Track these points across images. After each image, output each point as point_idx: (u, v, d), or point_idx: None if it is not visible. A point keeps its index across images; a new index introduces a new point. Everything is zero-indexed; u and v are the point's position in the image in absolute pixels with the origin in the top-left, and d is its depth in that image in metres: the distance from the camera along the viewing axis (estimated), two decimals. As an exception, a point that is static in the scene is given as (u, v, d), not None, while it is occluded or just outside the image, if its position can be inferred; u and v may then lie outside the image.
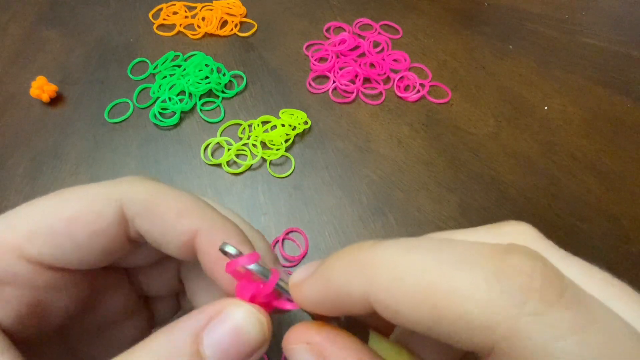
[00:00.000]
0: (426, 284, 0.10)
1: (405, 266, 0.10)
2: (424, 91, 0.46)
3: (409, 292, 0.10)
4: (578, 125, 0.44)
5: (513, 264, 0.09)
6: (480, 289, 0.09)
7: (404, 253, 0.11)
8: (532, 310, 0.09)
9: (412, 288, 0.10)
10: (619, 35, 0.53)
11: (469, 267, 0.10)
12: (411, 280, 0.10)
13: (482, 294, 0.09)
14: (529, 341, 0.09)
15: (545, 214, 0.38)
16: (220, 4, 0.53)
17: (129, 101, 0.45)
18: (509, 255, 0.10)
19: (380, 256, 0.11)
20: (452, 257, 0.10)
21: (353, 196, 0.39)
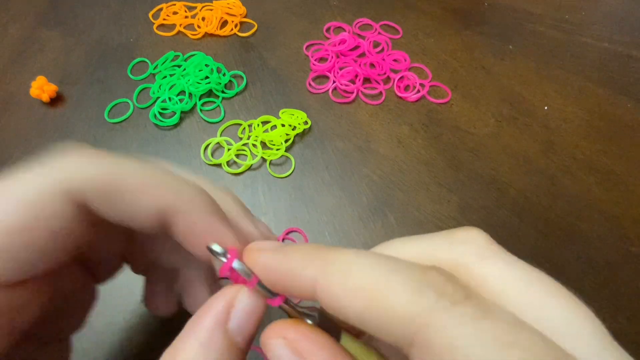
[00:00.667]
0: (366, 281, 0.12)
1: (353, 265, 0.13)
2: (424, 91, 0.46)
3: (351, 286, 0.12)
4: (578, 125, 0.44)
5: (432, 276, 0.12)
6: (406, 290, 0.11)
7: (355, 257, 0.13)
8: (443, 306, 0.11)
9: (353, 282, 0.12)
10: (619, 35, 0.53)
11: (401, 274, 0.12)
12: (355, 276, 0.12)
13: (406, 294, 0.11)
14: (440, 329, 0.11)
15: (545, 214, 0.38)
16: (220, 4, 0.53)
17: (129, 101, 0.45)
18: (430, 270, 0.12)
19: (335, 254, 0.13)
20: (390, 266, 0.12)
21: (353, 196, 0.39)
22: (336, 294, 0.12)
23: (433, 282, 0.12)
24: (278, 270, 0.14)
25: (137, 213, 0.15)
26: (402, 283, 0.12)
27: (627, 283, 0.35)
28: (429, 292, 0.11)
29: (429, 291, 0.11)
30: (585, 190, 0.40)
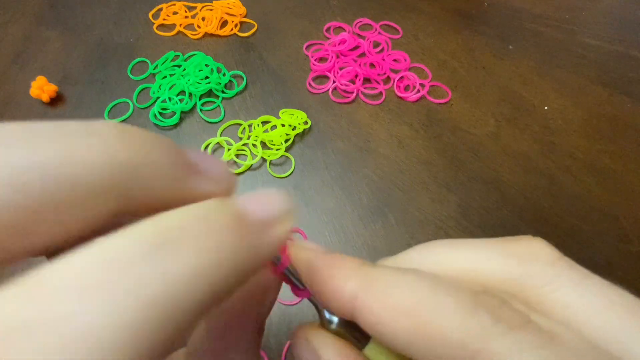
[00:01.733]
0: (412, 300, 0.11)
1: (398, 283, 0.12)
2: (424, 91, 0.46)
3: (396, 305, 0.11)
4: (578, 125, 0.44)
5: (486, 300, 0.11)
6: (458, 312, 0.11)
7: (399, 274, 0.12)
8: (500, 331, 0.10)
9: (399, 301, 0.11)
10: (619, 35, 0.53)
11: (452, 296, 0.11)
12: (401, 295, 0.11)
13: (460, 317, 0.10)
14: (497, 355, 0.10)
15: (545, 214, 0.38)
16: (220, 4, 0.53)
17: (129, 101, 0.45)
18: (483, 294, 0.11)
19: (378, 271, 0.12)
20: (440, 287, 0.11)
21: (353, 196, 0.39)
22: (377, 314, 0.11)
23: (488, 305, 0.11)
24: (320, 273, 0.13)
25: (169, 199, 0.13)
26: (453, 304, 0.11)
27: (627, 283, 0.35)
28: (484, 315, 0.10)
29: (483, 314, 0.10)
30: (585, 190, 0.40)
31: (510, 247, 0.13)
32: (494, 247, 0.13)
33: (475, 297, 0.11)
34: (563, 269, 0.12)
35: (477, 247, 0.14)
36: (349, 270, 0.13)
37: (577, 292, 0.12)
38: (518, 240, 0.13)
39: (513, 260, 0.13)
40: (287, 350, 0.31)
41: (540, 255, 0.13)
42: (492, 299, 0.11)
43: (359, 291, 0.12)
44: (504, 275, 0.13)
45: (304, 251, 0.14)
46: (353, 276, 0.12)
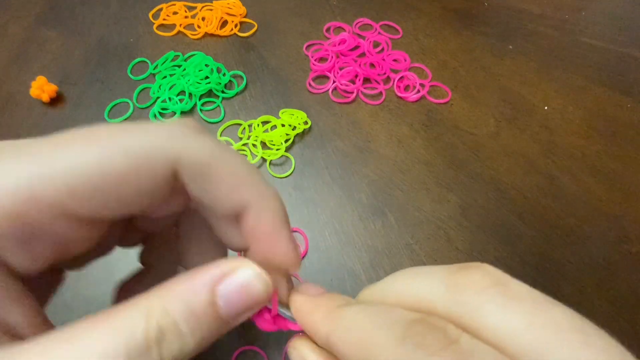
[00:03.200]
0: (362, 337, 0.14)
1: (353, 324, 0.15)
2: (424, 91, 0.46)
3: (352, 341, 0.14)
4: (578, 125, 0.44)
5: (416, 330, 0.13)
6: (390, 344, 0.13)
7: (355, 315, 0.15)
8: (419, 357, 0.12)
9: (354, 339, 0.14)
10: (619, 35, 0.53)
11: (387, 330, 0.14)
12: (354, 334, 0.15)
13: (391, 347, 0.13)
14: None
15: (545, 214, 0.38)
16: (220, 4, 0.53)
17: (129, 101, 0.45)
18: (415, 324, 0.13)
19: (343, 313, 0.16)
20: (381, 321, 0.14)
21: (353, 196, 0.39)
22: (342, 348, 0.15)
23: (415, 334, 0.13)
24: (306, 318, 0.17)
25: (222, 202, 0.17)
26: (386, 337, 0.13)
27: (627, 283, 0.35)
28: (408, 344, 0.13)
29: (408, 344, 0.13)
30: (585, 190, 0.40)
31: (455, 277, 0.15)
32: (442, 277, 0.15)
33: (407, 328, 0.13)
34: (493, 295, 0.14)
35: (429, 278, 0.16)
36: (322, 316, 0.16)
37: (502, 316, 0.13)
38: (464, 269, 0.15)
39: (452, 290, 0.15)
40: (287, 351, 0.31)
41: (475, 283, 0.14)
42: (423, 327, 0.13)
43: (329, 332, 0.15)
44: (445, 303, 0.15)
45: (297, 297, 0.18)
46: (325, 321, 0.16)
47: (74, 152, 0.15)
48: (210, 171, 0.16)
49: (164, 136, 0.16)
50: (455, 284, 0.15)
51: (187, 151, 0.16)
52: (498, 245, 0.36)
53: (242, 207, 0.17)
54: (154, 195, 0.16)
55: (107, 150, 0.15)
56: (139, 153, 0.15)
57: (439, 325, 0.13)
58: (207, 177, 0.16)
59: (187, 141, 0.16)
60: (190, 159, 0.16)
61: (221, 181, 0.16)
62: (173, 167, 0.16)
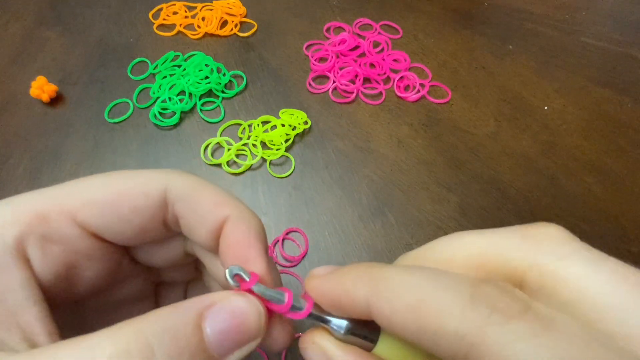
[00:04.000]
0: (416, 299, 0.12)
1: (403, 284, 0.13)
2: (424, 91, 0.46)
3: (403, 304, 0.12)
4: (578, 125, 0.44)
5: (485, 291, 0.12)
6: (456, 306, 0.11)
7: (404, 275, 0.13)
8: (496, 321, 0.11)
9: (405, 301, 0.12)
10: (619, 35, 0.53)
11: (451, 291, 0.12)
12: (406, 295, 0.12)
13: (457, 310, 0.11)
14: (493, 345, 0.10)
15: (545, 214, 0.38)
16: (220, 4, 0.53)
17: (129, 101, 0.45)
18: (483, 284, 0.12)
19: (385, 273, 0.13)
20: (440, 282, 0.12)
21: (353, 196, 0.39)
22: (388, 314, 0.13)
23: (486, 296, 0.11)
24: (333, 292, 0.15)
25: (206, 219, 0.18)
26: (452, 299, 0.12)
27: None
28: (481, 307, 0.11)
29: (480, 306, 0.11)
30: (585, 190, 0.40)
31: (528, 230, 0.14)
32: (512, 232, 0.14)
33: (473, 289, 0.12)
34: (578, 248, 0.13)
35: (497, 234, 0.15)
36: (357, 278, 0.14)
37: (591, 269, 0.12)
38: (534, 226, 0.14)
39: (529, 240, 0.14)
40: (288, 350, 0.31)
41: (556, 236, 0.14)
42: (492, 288, 0.12)
43: (370, 296, 0.13)
44: (521, 253, 0.13)
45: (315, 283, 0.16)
46: (361, 283, 0.14)
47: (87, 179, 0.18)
48: (193, 194, 0.18)
49: (156, 172, 0.19)
50: (533, 235, 0.14)
51: (173, 179, 0.18)
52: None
53: (222, 221, 0.18)
54: (148, 215, 0.18)
55: (113, 177, 0.18)
56: (137, 178, 0.18)
57: (508, 287, 0.12)
58: (191, 199, 0.18)
59: (174, 174, 0.19)
60: (176, 185, 0.18)
61: (203, 201, 0.18)
62: (163, 192, 0.18)
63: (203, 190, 0.18)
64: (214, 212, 0.18)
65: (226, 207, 0.18)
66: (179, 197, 0.18)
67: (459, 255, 0.15)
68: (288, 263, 0.35)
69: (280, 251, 0.36)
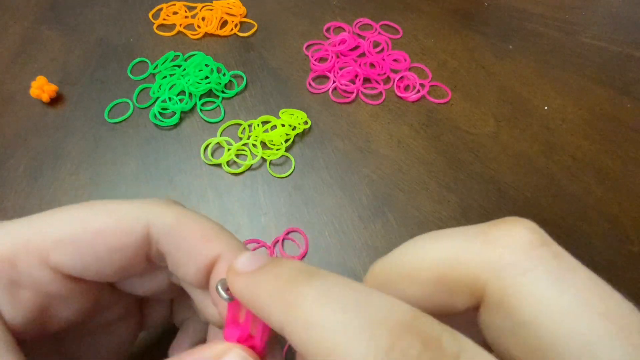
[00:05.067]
0: (328, 345, 0.10)
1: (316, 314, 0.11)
2: (424, 91, 0.46)
3: (314, 342, 0.11)
4: (578, 125, 0.44)
5: (404, 347, 0.10)
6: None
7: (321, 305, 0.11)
8: None
9: (317, 340, 0.11)
10: (619, 35, 0.53)
11: (367, 342, 0.10)
12: (317, 333, 0.11)
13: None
14: None
15: (545, 214, 0.38)
16: (220, 4, 0.53)
17: (129, 101, 0.45)
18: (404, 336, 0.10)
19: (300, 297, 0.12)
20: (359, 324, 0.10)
21: (353, 196, 0.39)
22: (300, 349, 0.11)
23: (403, 355, 0.10)
24: (251, 300, 0.13)
25: (194, 256, 0.17)
26: (365, 354, 0.10)
27: (628, 283, 0.35)
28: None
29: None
30: (585, 190, 0.40)
31: (490, 232, 0.12)
32: (474, 234, 0.13)
33: (393, 341, 0.10)
34: (542, 257, 0.11)
35: (458, 236, 0.13)
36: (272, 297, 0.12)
37: (556, 287, 0.11)
38: (499, 224, 0.13)
39: (490, 247, 0.12)
40: (287, 350, 0.31)
41: (519, 241, 0.12)
42: (412, 344, 0.10)
43: (283, 323, 0.12)
44: (481, 263, 0.12)
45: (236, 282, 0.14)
46: (275, 305, 0.12)
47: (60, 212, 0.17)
48: (178, 229, 0.17)
49: (137, 204, 0.17)
50: (495, 239, 0.12)
51: (157, 213, 0.17)
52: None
53: (212, 259, 0.17)
54: (129, 254, 0.17)
55: (89, 212, 0.17)
56: (118, 213, 0.17)
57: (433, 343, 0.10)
58: (176, 234, 0.17)
59: (158, 207, 0.17)
60: (159, 220, 0.17)
61: (189, 237, 0.17)
62: (145, 228, 0.17)
63: (189, 224, 0.17)
64: (202, 249, 0.17)
65: (216, 243, 0.17)
66: (163, 233, 0.17)
67: (422, 266, 0.13)
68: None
69: (280, 251, 0.36)
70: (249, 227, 0.37)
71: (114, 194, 0.39)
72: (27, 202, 0.38)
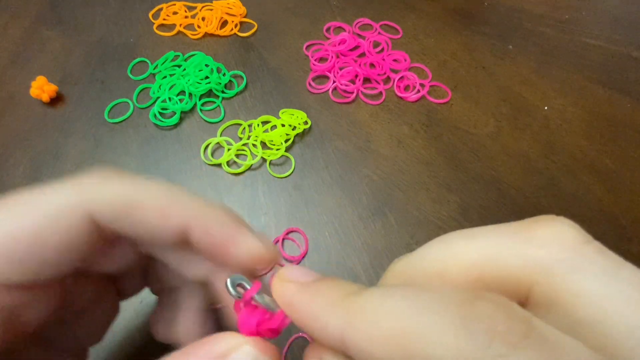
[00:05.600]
0: (400, 328, 0.10)
1: (382, 312, 0.11)
2: (424, 91, 0.46)
3: (383, 336, 0.10)
4: (578, 125, 0.44)
5: (479, 310, 0.10)
6: (447, 333, 0.09)
7: (381, 300, 0.11)
8: (496, 353, 0.09)
9: (386, 332, 0.10)
10: (619, 35, 0.53)
11: (439, 314, 0.10)
12: (386, 324, 0.10)
13: (449, 339, 0.09)
14: None
15: (545, 214, 0.38)
16: (220, 4, 0.53)
17: (129, 101, 0.45)
18: (476, 302, 0.10)
19: (361, 301, 0.11)
20: (425, 304, 0.10)
21: (353, 196, 0.39)
22: (367, 347, 0.11)
23: (480, 318, 0.09)
24: (304, 312, 0.13)
25: (159, 232, 0.16)
26: (443, 324, 0.10)
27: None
28: (478, 333, 0.09)
29: (477, 333, 0.09)
30: (585, 190, 0.40)
31: (530, 230, 0.12)
32: (513, 232, 0.12)
33: (465, 309, 0.10)
34: (590, 254, 0.11)
35: (495, 235, 0.12)
36: (330, 306, 0.12)
37: (605, 283, 0.11)
38: (539, 222, 0.12)
39: (533, 246, 0.11)
40: (287, 350, 0.31)
41: (564, 239, 0.11)
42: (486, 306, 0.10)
43: (344, 326, 0.11)
44: (525, 262, 0.11)
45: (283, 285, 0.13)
46: (335, 311, 0.12)
47: None
48: (131, 207, 0.15)
49: (70, 189, 0.15)
50: (538, 238, 0.11)
51: (98, 196, 0.15)
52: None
53: (183, 229, 0.16)
54: (79, 248, 0.15)
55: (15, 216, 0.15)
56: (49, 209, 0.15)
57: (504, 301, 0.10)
58: (130, 214, 0.15)
59: (98, 187, 0.16)
60: (105, 202, 0.15)
61: (148, 213, 0.15)
62: (89, 216, 0.15)
63: (142, 200, 0.15)
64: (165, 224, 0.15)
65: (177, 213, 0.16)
66: (112, 217, 0.15)
67: (452, 267, 0.13)
68: (288, 263, 0.35)
69: (280, 251, 0.36)
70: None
71: (114, 194, 0.39)
72: None
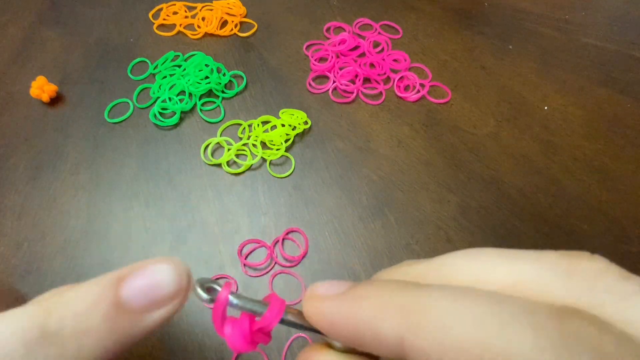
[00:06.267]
0: (478, 339, 0.09)
1: (453, 316, 0.09)
2: (424, 91, 0.46)
3: (457, 345, 0.09)
4: (578, 125, 0.44)
5: (577, 329, 0.09)
6: (545, 353, 0.08)
7: (453, 300, 0.10)
8: None
9: (461, 341, 0.09)
10: (619, 35, 0.53)
11: (529, 328, 0.09)
12: (461, 331, 0.09)
13: (546, 355, 0.08)
14: None
15: (545, 214, 0.38)
16: (220, 4, 0.53)
17: (129, 101, 0.45)
18: (572, 318, 0.09)
19: (424, 300, 0.10)
20: (509, 312, 0.09)
21: (353, 196, 0.39)
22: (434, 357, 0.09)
23: (580, 338, 0.08)
24: (348, 323, 0.11)
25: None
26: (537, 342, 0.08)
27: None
28: (582, 354, 0.08)
29: (581, 353, 0.08)
30: (585, 190, 0.40)
31: (573, 264, 0.11)
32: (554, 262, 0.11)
33: (560, 324, 0.09)
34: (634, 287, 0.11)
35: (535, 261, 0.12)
36: (382, 305, 0.11)
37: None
38: (578, 257, 0.11)
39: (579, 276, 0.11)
40: (287, 350, 0.31)
41: (609, 272, 0.11)
42: (583, 324, 0.09)
43: (404, 332, 0.10)
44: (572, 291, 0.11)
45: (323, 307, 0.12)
46: (391, 314, 0.10)
47: None
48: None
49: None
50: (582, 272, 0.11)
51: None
52: (498, 245, 0.36)
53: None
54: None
55: None
56: None
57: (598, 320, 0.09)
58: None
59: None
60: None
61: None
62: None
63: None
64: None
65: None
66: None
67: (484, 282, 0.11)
68: (288, 263, 0.35)
69: (280, 251, 0.36)
70: (249, 227, 0.37)
71: (114, 194, 0.39)
72: (27, 202, 0.38)
